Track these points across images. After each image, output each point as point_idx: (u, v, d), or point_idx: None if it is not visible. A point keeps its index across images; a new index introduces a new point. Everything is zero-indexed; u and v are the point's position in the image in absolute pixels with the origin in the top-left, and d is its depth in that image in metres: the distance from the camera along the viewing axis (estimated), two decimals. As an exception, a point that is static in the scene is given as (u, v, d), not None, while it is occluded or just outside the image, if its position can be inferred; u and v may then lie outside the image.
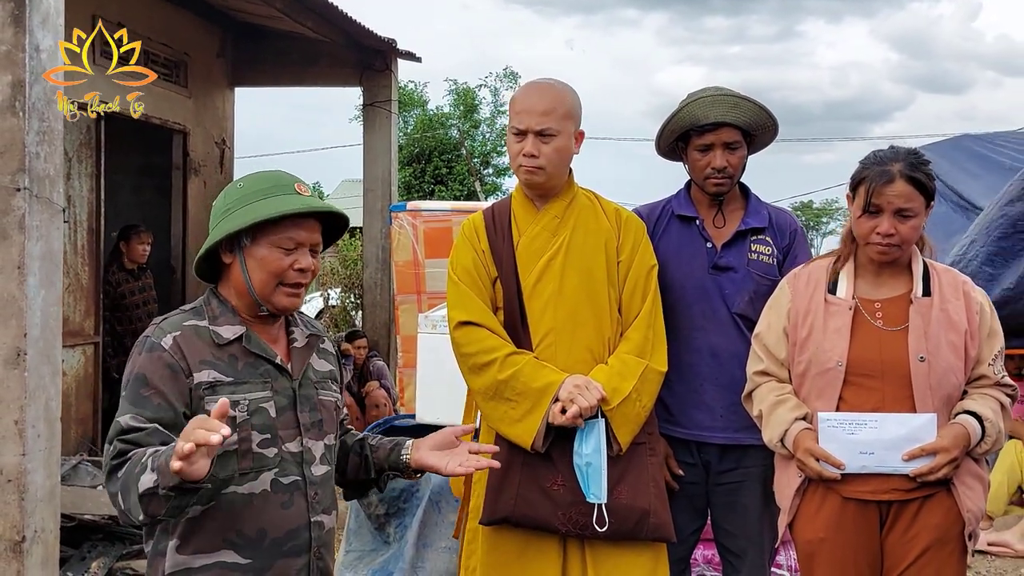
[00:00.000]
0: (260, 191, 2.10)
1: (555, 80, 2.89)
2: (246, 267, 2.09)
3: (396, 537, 3.34)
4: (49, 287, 3.49)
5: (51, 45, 3.46)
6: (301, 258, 2.10)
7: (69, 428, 6.36)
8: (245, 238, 2.08)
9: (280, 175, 2.16)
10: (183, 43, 8.14)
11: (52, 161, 3.50)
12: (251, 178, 2.16)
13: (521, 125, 2.76)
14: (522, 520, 2.71)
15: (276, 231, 2.07)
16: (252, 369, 2.08)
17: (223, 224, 2.09)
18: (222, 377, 2.04)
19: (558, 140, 2.76)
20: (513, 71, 25.79)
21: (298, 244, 2.09)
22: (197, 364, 2.03)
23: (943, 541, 2.59)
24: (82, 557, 4.59)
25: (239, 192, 2.12)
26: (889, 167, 2.55)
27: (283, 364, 2.13)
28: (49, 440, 3.49)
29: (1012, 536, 5.28)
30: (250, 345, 2.09)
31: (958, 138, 8.01)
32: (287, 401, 2.11)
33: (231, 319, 2.11)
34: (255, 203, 2.07)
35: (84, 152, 6.70)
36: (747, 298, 2.97)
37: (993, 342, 2.65)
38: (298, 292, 2.14)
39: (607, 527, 2.66)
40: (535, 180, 2.80)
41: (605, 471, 2.67)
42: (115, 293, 7.14)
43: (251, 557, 2.03)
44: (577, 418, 2.63)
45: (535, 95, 2.80)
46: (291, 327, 2.22)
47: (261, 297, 2.10)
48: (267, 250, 2.07)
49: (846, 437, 2.57)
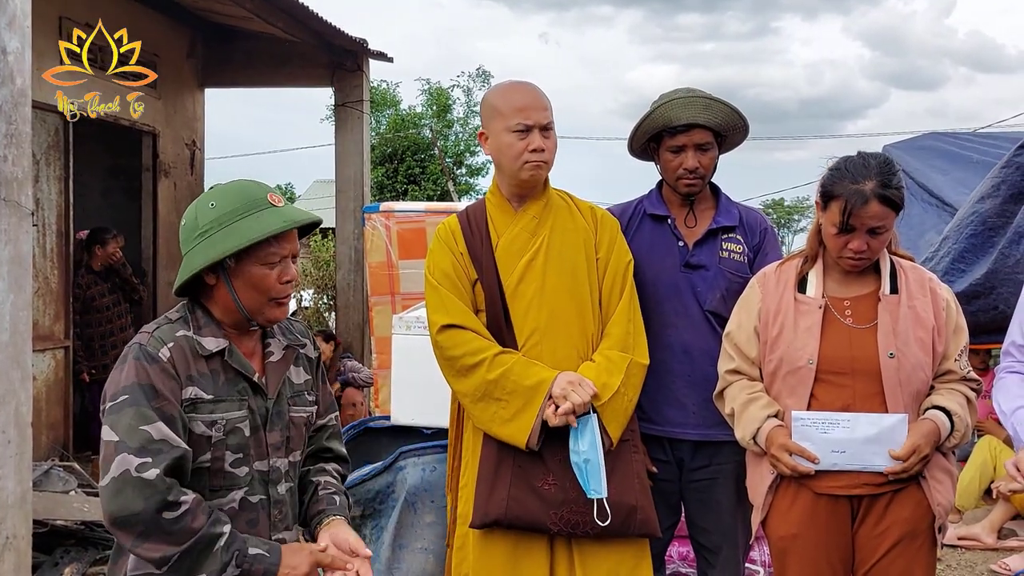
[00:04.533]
0: (235, 211, 2.06)
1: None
2: (233, 287, 2.07)
3: (372, 538, 3.33)
4: (18, 291, 3.46)
5: (18, 47, 3.42)
6: (286, 270, 2.11)
7: (40, 433, 6.30)
8: (229, 260, 2.05)
9: (251, 188, 2.12)
10: (152, 44, 8.07)
11: (20, 164, 3.46)
12: (222, 195, 2.10)
13: (529, 121, 2.78)
14: (514, 521, 2.72)
15: (260, 249, 2.06)
16: (231, 386, 2.08)
17: (203, 248, 2.05)
18: (203, 394, 2.03)
19: (554, 134, 2.84)
20: (485, 70, 25.83)
21: (282, 257, 2.09)
22: (186, 379, 2.02)
23: (913, 534, 2.62)
24: (55, 563, 4.56)
25: (212, 213, 2.07)
26: (863, 187, 2.54)
27: (259, 382, 2.12)
28: (20, 445, 3.45)
29: (981, 529, 5.35)
30: (232, 360, 2.09)
31: (925, 136, 8.08)
32: (260, 420, 2.11)
33: (215, 331, 2.10)
34: (234, 224, 2.04)
35: (52, 154, 6.64)
36: (719, 296, 3.00)
37: (959, 338, 2.69)
38: (287, 302, 2.15)
39: (608, 521, 2.68)
40: (541, 175, 2.83)
41: (603, 466, 2.68)
42: (84, 296, 7.08)
43: None
44: (570, 415, 2.65)
45: (531, 92, 2.84)
46: (267, 339, 2.20)
47: (252, 313, 2.10)
48: (255, 268, 2.06)
49: (819, 435, 2.60)
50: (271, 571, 2.00)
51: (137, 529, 1.90)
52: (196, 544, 1.92)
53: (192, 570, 1.94)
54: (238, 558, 1.96)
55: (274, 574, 2.00)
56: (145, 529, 1.90)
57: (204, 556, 1.94)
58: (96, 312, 7.17)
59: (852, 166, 2.61)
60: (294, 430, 2.19)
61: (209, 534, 1.94)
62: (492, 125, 2.83)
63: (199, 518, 1.93)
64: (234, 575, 1.96)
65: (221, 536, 1.96)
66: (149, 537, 1.90)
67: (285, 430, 2.15)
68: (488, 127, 2.86)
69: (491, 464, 2.75)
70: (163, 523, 1.90)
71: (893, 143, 8.08)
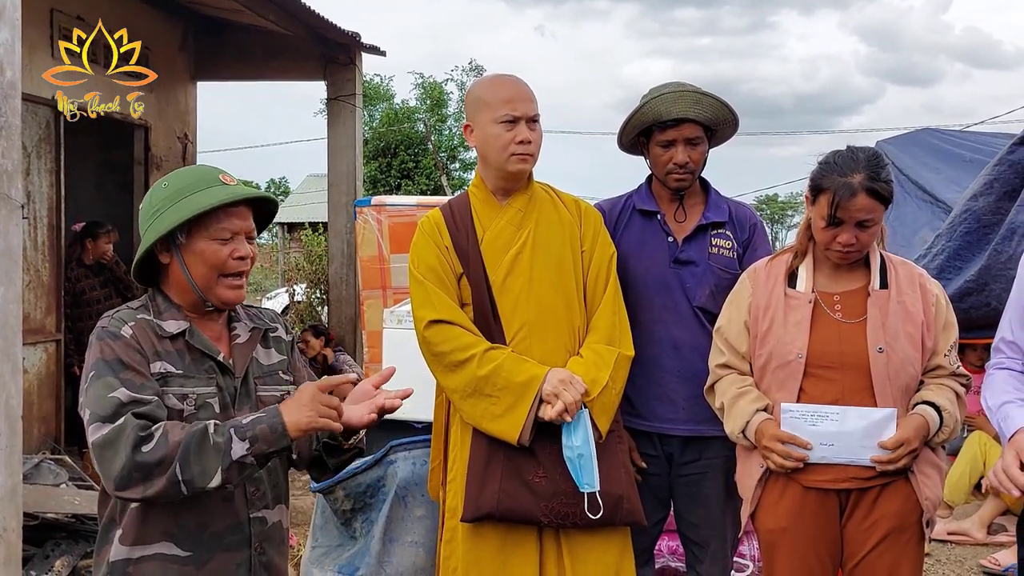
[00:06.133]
0: (186, 187, 2.10)
1: None
2: (185, 264, 2.10)
3: (362, 532, 3.33)
4: (8, 284, 3.45)
5: (7, 39, 3.40)
6: (239, 246, 2.12)
7: (32, 426, 6.29)
8: (180, 235, 2.08)
9: (203, 169, 2.18)
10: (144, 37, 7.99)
11: (10, 156, 3.45)
12: (175, 176, 2.16)
13: (517, 112, 2.77)
14: (506, 514, 2.72)
15: (210, 223, 2.08)
16: (198, 365, 2.10)
17: (155, 225, 2.09)
18: (172, 368, 2.05)
19: (539, 127, 2.84)
20: (479, 64, 25.86)
21: (233, 233, 2.11)
22: (152, 355, 2.04)
23: (901, 528, 2.64)
24: (45, 556, 4.55)
25: (165, 191, 2.12)
26: (851, 180, 2.55)
27: (225, 361, 2.14)
28: (10, 438, 3.45)
29: (971, 525, 5.37)
30: (193, 340, 2.10)
31: (918, 132, 8.08)
32: (229, 399, 2.12)
33: (175, 314, 2.12)
34: (183, 200, 2.08)
35: (43, 147, 6.62)
36: (708, 291, 3.00)
37: (949, 333, 2.70)
38: (240, 283, 2.15)
39: (601, 514, 2.69)
40: (527, 168, 2.83)
41: (596, 460, 2.69)
42: (75, 290, 7.06)
43: (191, 549, 2.05)
44: (564, 414, 2.66)
45: (517, 84, 2.84)
46: (233, 323, 2.22)
47: (204, 291, 2.11)
48: (204, 243, 2.09)
49: (808, 428, 2.61)
50: (276, 423, 1.97)
51: (136, 477, 1.90)
52: (187, 447, 1.91)
53: (204, 471, 1.92)
54: (237, 431, 1.95)
55: (282, 424, 1.97)
56: (141, 474, 1.90)
57: (203, 450, 1.92)
58: (87, 306, 7.14)
59: (841, 159, 2.62)
60: (263, 408, 2.18)
61: (194, 431, 1.93)
62: (478, 117, 2.83)
63: (177, 433, 1.93)
64: (244, 451, 1.94)
65: (207, 427, 1.95)
66: (150, 476, 1.90)
67: (254, 409, 2.14)
68: (474, 119, 2.86)
69: (481, 458, 2.75)
70: (147, 456, 1.89)
71: (886, 139, 8.09)
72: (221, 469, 1.93)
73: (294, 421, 1.98)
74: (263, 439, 1.96)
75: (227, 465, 1.93)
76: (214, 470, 1.93)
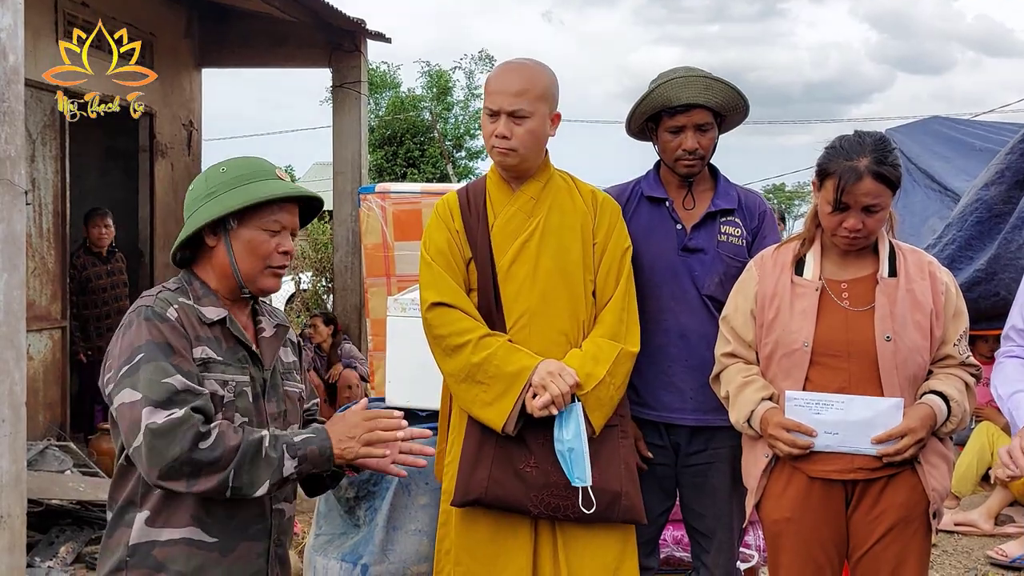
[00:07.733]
0: (244, 176, 2.14)
1: (532, 60, 2.86)
2: (232, 249, 2.12)
3: (366, 520, 3.32)
4: (12, 271, 3.44)
5: (10, 24, 3.39)
6: (284, 241, 2.16)
7: (37, 413, 6.29)
8: (232, 221, 2.11)
9: (261, 161, 2.22)
10: (148, 23, 8.01)
11: (13, 142, 3.44)
12: (233, 163, 2.19)
13: (494, 106, 2.75)
14: (494, 502, 2.71)
15: (263, 214, 2.12)
16: (233, 353, 2.12)
17: (209, 206, 2.11)
18: (213, 355, 2.07)
19: (531, 122, 2.74)
20: (488, 54, 25.73)
21: (283, 227, 2.16)
22: (195, 339, 2.06)
23: (908, 519, 2.61)
24: (50, 542, 4.56)
25: (223, 176, 2.15)
26: (857, 163, 2.53)
27: (257, 352, 2.17)
28: (14, 425, 3.45)
29: (978, 516, 5.35)
30: (232, 328, 2.13)
31: (927, 120, 8.04)
32: (259, 389, 2.15)
33: (214, 301, 2.14)
34: (241, 187, 2.12)
35: (48, 134, 6.60)
36: (717, 280, 2.98)
37: (958, 322, 2.67)
38: (281, 274, 2.20)
39: (593, 509, 2.67)
40: (507, 162, 2.78)
41: (587, 455, 2.67)
42: (80, 277, 7.07)
43: (217, 536, 2.06)
44: (550, 406, 2.63)
45: (509, 75, 2.79)
46: (258, 316, 2.25)
47: (247, 279, 2.14)
48: (254, 232, 2.12)
49: (811, 416, 2.59)
50: (325, 447, 2.04)
51: (184, 471, 1.91)
52: (244, 455, 1.95)
53: (253, 482, 1.96)
54: (289, 449, 2.01)
55: (330, 447, 2.04)
56: (192, 469, 1.91)
57: (256, 462, 1.97)
58: (93, 293, 7.15)
59: (847, 143, 2.60)
60: (289, 403, 2.23)
61: (251, 440, 1.97)
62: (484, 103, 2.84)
63: (233, 436, 1.96)
64: (293, 469, 2.01)
65: (263, 438, 2.00)
66: (199, 474, 1.92)
67: (281, 403, 2.19)
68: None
69: (474, 444, 2.74)
70: (203, 454, 1.92)
71: (895, 127, 8.05)
72: (269, 483, 1.99)
73: (340, 452, 2.07)
74: (311, 460, 2.04)
75: (276, 480, 2.00)
76: (263, 482, 1.98)
